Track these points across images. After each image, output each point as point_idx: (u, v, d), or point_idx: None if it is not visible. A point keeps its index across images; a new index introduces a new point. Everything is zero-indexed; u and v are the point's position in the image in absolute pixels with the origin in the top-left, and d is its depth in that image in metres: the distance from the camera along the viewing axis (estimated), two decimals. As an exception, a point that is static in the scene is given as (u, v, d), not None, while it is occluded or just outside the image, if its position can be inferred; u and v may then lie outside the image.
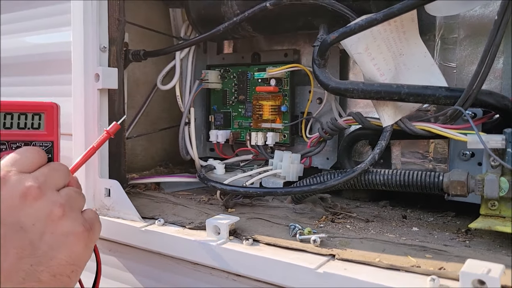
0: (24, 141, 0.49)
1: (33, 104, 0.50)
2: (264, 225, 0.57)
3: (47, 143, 0.50)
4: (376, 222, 0.59)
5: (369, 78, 0.57)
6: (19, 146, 0.48)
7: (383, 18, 0.52)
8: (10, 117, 0.49)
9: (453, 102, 0.52)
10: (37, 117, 0.50)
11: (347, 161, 0.67)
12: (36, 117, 0.50)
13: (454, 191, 0.51)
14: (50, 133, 0.50)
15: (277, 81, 0.71)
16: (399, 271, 0.44)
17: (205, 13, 0.68)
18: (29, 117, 0.49)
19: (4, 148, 0.48)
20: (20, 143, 0.49)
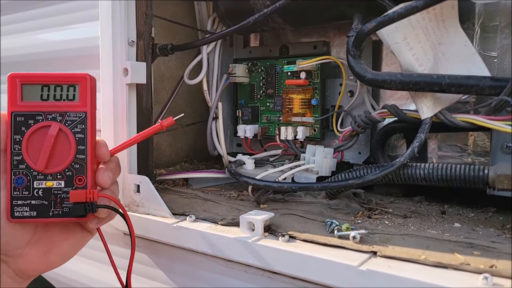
0: (59, 112, 0.49)
1: (68, 75, 0.50)
2: (299, 221, 0.56)
3: (80, 113, 0.50)
4: (415, 218, 0.57)
5: (407, 69, 0.55)
6: (54, 117, 0.49)
7: (424, 5, 0.50)
8: (47, 89, 0.50)
9: (498, 92, 0.49)
10: (71, 88, 0.50)
11: (381, 155, 0.65)
12: (71, 88, 0.50)
13: (501, 185, 0.49)
14: (83, 104, 0.50)
15: (307, 74, 0.70)
16: (447, 268, 0.42)
17: (233, 5, 0.67)
18: (64, 89, 0.50)
19: (40, 119, 0.49)
20: (55, 114, 0.49)
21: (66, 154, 0.49)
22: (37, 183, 0.49)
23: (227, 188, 0.74)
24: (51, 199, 0.49)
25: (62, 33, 0.80)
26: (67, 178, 0.49)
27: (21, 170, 0.48)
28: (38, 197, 0.49)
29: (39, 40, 0.88)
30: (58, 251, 0.51)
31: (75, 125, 0.49)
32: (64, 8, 0.79)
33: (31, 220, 0.49)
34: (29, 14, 0.91)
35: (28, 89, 0.50)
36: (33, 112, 0.49)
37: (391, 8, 0.54)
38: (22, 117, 0.49)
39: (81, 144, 0.49)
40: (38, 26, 0.88)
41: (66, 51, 0.79)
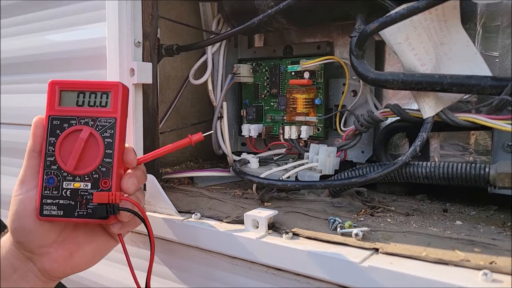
0: (91, 117, 0.52)
1: (102, 83, 0.53)
2: (302, 219, 0.56)
3: (110, 119, 0.52)
4: (417, 215, 0.58)
5: (409, 69, 0.56)
6: (86, 122, 0.52)
7: (426, 6, 0.51)
8: (83, 95, 0.53)
9: (499, 92, 0.50)
10: (105, 95, 0.53)
11: (383, 154, 0.66)
12: (104, 95, 0.53)
13: (502, 183, 0.50)
14: (114, 110, 0.52)
15: (311, 74, 0.70)
16: (448, 265, 0.43)
17: (238, 6, 0.68)
18: (98, 96, 0.53)
19: (74, 123, 0.52)
20: (88, 118, 0.52)
21: (94, 157, 0.51)
22: (66, 184, 0.51)
23: (232, 186, 0.75)
24: (78, 199, 0.51)
25: (70, 34, 0.81)
26: (93, 180, 0.51)
27: (53, 170, 0.51)
28: (66, 197, 0.51)
29: (47, 41, 0.89)
30: (82, 254, 0.53)
31: (105, 130, 0.52)
32: (72, 9, 0.80)
33: (58, 219, 0.51)
34: (37, 16, 0.92)
35: (66, 95, 0.53)
36: (68, 117, 0.52)
37: (394, 9, 0.55)
38: (58, 120, 0.52)
39: (109, 148, 0.51)
40: (46, 27, 0.89)
41: (75, 52, 0.80)
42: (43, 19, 0.91)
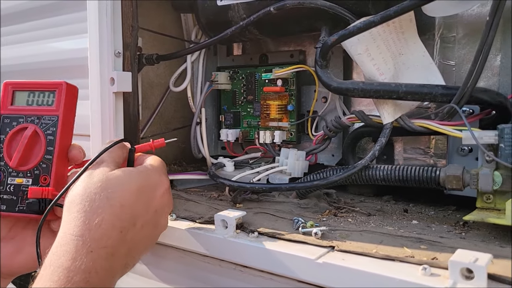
0: (37, 115, 0.55)
1: (50, 83, 0.57)
2: (270, 219, 0.60)
3: (53, 117, 0.55)
4: (378, 216, 0.62)
5: (369, 78, 0.60)
6: (32, 120, 0.55)
7: (380, 20, 0.55)
8: (33, 95, 0.56)
9: (449, 99, 0.54)
10: (51, 94, 0.56)
11: (351, 157, 0.69)
12: (51, 94, 0.56)
13: (450, 185, 0.53)
14: (57, 108, 0.56)
15: (283, 81, 0.74)
16: (394, 261, 0.46)
17: (213, 18, 0.71)
18: (45, 95, 0.56)
19: (22, 121, 0.55)
20: (34, 117, 0.55)
21: (36, 154, 0.55)
22: (11, 179, 0.54)
23: (210, 189, 0.79)
24: (19, 195, 0.54)
25: (55, 45, 0.85)
26: (34, 177, 0.54)
27: (0, 166, 0.54)
28: (10, 192, 0.54)
29: (52, 49, 0.93)
30: (29, 253, 0.55)
31: (48, 128, 0.55)
32: (56, 21, 0.84)
33: (1, 213, 0.54)
34: (43, 23, 0.95)
35: (19, 95, 0.56)
36: (18, 115, 0.55)
37: (354, 22, 0.59)
38: (9, 119, 0.55)
39: (50, 145, 0.55)
40: (52, 34, 0.92)
41: (58, 62, 0.84)
42: (50, 26, 0.94)
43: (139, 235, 0.49)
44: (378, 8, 0.57)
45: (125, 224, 0.47)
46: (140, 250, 0.51)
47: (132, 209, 0.48)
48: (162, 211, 0.53)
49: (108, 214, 0.46)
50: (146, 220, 0.50)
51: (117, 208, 0.47)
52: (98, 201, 0.47)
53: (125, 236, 0.47)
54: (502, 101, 0.54)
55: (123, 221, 0.47)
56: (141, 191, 0.50)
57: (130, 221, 0.48)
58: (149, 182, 0.51)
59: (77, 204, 0.47)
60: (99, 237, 0.45)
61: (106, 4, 0.68)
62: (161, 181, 0.53)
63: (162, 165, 0.55)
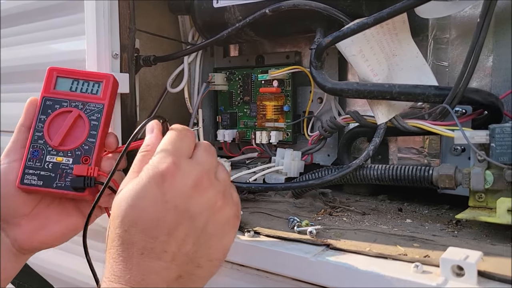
0: (81, 101, 0.58)
1: (96, 74, 0.60)
2: (266, 219, 0.61)
3: (99, 105, 0.58)
4: (373, 215, 0.62)
5: (363, 79, 0.61)
6: (77, 105, 0.57)
7: (374, 22, 0.55)
8: (77, 83, 0.59)
9: (442, 100, 0.55)
10: (97, 84, 0.59)
11: (346, 157, 0.70)
12: (96, 84, 0.59)
13: (443, 184, 0.54)
14: (104, 97, 0.58)
15: (279, 82, 0.75)
16: (387, 259, 0.47)
17: (210, 20, 0.72)
18: (90, 84, 0.59)
19: (65, 105, 0.58)
20: (78, 102, 0.58)
21: (79, 137, 0.57)
22: (50, 157, 0.56)
23: (207, 189, 0.79)
24: (58, 172, 0.56)
25: (55, 46, 0.86)
26: (75, 156, 0.56)
27: (39, 144, 0.56)
28: (48, 169, 0.56)
29: (51, 51, 0.93)
30: (51, 230, 0.56)
31: (93, 114, 0.58)
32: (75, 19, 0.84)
33: (36, 188, 0.55)
34: (41, 25, 0.96)
35: (62, 81, 0.59)
36: (61, 99, 0.58)
37: (348, 24, 0.59)
38: (51, 101, 0.58)
39: (94, 130, 0.57)
40: (50, 36, 0.93)
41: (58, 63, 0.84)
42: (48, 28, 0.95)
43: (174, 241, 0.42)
44: (372, 9, 0.58)
45: (142, 244, 0.41)
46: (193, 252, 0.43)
47: (138, 227, 0.42)
48: (187, 198, 0.43)
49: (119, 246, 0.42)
50: (171, 223, 0.42)
51: (124, 236, 0.42)
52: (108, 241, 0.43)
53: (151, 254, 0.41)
54: (494, 101, 0.54)
55: (136, 243, 0.41)
56: (139, 203, 0.42)
57: (145, 238, 0.42)
58: (145, 183, 0.42)
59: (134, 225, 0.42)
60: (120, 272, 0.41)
61: (104, 6, 0.69)
62: (162, 171, 0.42)
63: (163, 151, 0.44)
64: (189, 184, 0.43)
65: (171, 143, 0.45)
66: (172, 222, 0.42)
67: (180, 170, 0.43)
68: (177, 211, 0.42)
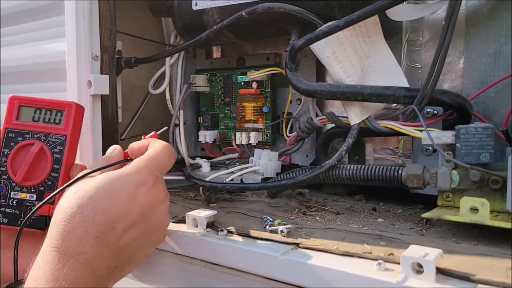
0: (44, 133, 0.57)
1: (58, 102, 0.58)
2: (241, 218, 0.62)
3: (61, 136, 0.57)
4: (346, 214, 0.63)
5: (337, 80, 0.61)
6: (39, 137, 0.57)
7: (345, 24, 0.56)
8: (39, 112, 0.58)
9: (411, 101, 0.55)
10: (59, 113, 0.58)
11: (323, 157, 0.71)
12: (59, 113, 0.58)
13: (411, 183, 0.55)
14: (65, 128, 0.58)
15: (259, 84, 0.76)
16: (353, 257, 0.48)
17: (189, 22, 0.73)
18: (53, 113, 0.58)
19: (28, 137, 0.57)
20: (40, 134, 0.57)
21: (42, 171, 0.56)
22: (14, 194, 0.56)
23: (188, 189, 0.80)
24: (22, 209, 0.56)
25: (36, 48, 0.87)
26: (39, 193, 0.56)
27: (3, 180, 0.56)
28: (12, 206, 0.56)
29: (44, 51, 0.94)
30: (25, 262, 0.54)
31: (55, 146, 0.57)
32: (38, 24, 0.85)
33: (3, 226, 0.55)
34: (34, 25, 0.97)
35: (24, 110, 0.58)
36: (23, 131, 0.57)
37: (321, 26, 0.60)
38: (14, 133, 0.57)
39: (56, 163, 0.57)
40: (43, 36, 0.94)
41: (40, 65, 0.86)
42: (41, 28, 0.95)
43: (125, 238, 0.48)
44: (344, 12, 0.59)
45: (101, 229, 0.47)
46: (133, 252, 0.50)
47: (106, 214, 0.48)
48: (150, 209, 0.51)
49: (80, 222, 0.47)
50: (130, 222, 0.49)
51: (89, 215, 0.47)
52: (70, 209, 0.47)
53: (104, 241, 0.47)
54: (462, 102, 0.55)
55: (98, 226, 0.47)
56: (115, 194, 0.49)
57: (106, 226, 0.47)
58: (125, 184, 0.50)
59: (54, 216, 0.48)
60: (73, 246, 0.46)
61: (84, 8, 0.70)
62: (142, 179, 0.51)
63: (146, 161, 0.53)
64: (159, 199, 0.52)
65: (160, 157, 0.53)
66: (131, 221, 0.49)
67: (157, 185, 0.52)
68: (140, 214, 0.50)
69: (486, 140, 0.49)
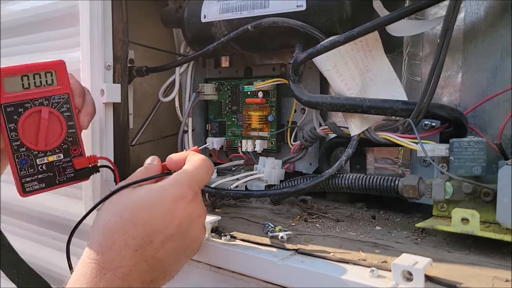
0: (44, 97, 0.59)
1: (45, 63, 0.59)
2: (244, 224, 0.64)
3: (64, 95, 0.60)
4: (346, 221, 0.65)
5: (338, 92, 0.64)
6: (41, 102, 0.59)
7: (345, 40, 0.59)
8: (27, 78, 0.58)
9: (408, 114, 0.58)
10: (49, 74, 0.59)
11: (326, 166, 0.73)
12: (48, 74, 0.59)
13: (407, 194, 0.57)
14: (64, 87, 0.60)
15: (264, 93, 0.78)
16: (348, 263, 0.50)
17: (198, 33, 0.76)
18: (42, 75, 0.59)
19: (29, 106, 0.58)
20: (41, 99, 0.59)
21: (59, 132, 0.61)
22: (40, 160, 0.60)
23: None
24: (55, 170, 0.61)
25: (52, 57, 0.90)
26: (64, 151, 0.61)
27: (22, 152, 0.58)
28: (44, 171, 0.60)
29: None
30: None
31: (61, 106, 0.60)
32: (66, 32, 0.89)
33: (42, 190, 0.60)
34: (31, 38, 1.01)
35: (9, 81, 0.57)
36: (21, 101, 0.58)
37: (323, 40, 0.63)
38: (12, 107, 0.57)
39: (70, 120, 0.61)
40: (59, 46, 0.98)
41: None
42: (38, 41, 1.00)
43: (162, 252, 0.49)
44: (345, 28, 0.61)
45: (141, 242, 0.48)
46: (168, 265, 0.51)
47: (146, 227, 0.49)
48: (188, 223, 0.52)
49: (120, 235, 0.48)
50: (168, 236, 0.50)
51: (130, 228, 0.48)
52: (112, 222, 0.49)
53: (142, 254, 0.48)
54: (457, 116, 0.57)
55: (137, 239, 0.48)
56: (155, 208, 0.50)
57: (146, 239, 0.48)
58: (165, 198, 0.50)
59: (94, 227, 0.50)
60: (112, 259, 0.47)
61: (97, 20, 0.73)
62: (181, 193, 0.51)
63: (186, 175, 0.53)
64: (197, 213, 0.53)
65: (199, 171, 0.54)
66: (169, 235, 0.50)
67: (195, 199, 0.52)
68: (178, 229, 0.51)
69: (478, 154, 0.51)
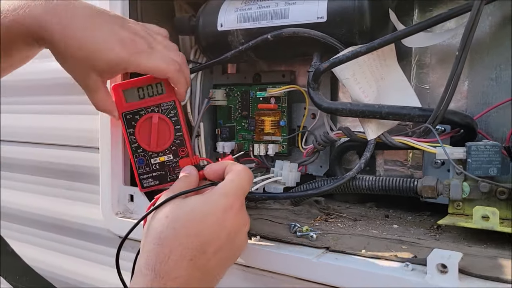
0: (155, 105, 0.69)
1: (152, 77, 0.67)
2: (269, 224, 0.67)
3: (170, 102, 0.69)
4: (363, 221, 0.70)
5: (355, 99, 0.68)
6: (153, 110, 0.69)
7: (366, 50, 0.63)
8: (142, 89, 0.69)
9: (425, 120, 0.62)
10: (159, 85, 0.69)
11: (337, 168, 0.77)
12: (158, 85, 0.69)
13: (426, 194, 0.62)
14: (171, 95, 0.69)
15: (276, 99, 0.82)
16: (380, 259, 0.54)
17: (213, 41, 0.78)
18: (153, 87, 0.69)
19: (143, 113, 0.69)
20: (153, 107, 0.69)
21: (168, 135, 0.69)
22: (154, 160, 0.69)
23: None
24: (166, 169, 0.69)
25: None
26: (173, 152, 0.69)
27: (139, 153, 0.69)
28: (157, 169, 0.69)
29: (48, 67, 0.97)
30: None
31: (169, 112, 0.69)
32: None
33: (156, 187, 0.70)
34: None
35: (128, 92, 0.69)
36: (137, 109, 0.68)
37: (342, 50, 0.67)
38: (130, 115, 0.69)
39: (177, 124, 0.69)
40: None
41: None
42: None
43: (213, 261, 0.51)
44: (364, 38, 0.66)
45: (195, 252, 0.50)
46: (216, 273, 0.53)
47: (199, 238, 0.50)
48: (236, 232, 0.54)
49: (176, 245, 0.49)
50: (219, 246, 0.52)
51: (183, 238, 0.50)
52: (165, 232, 0.50)
53: (196, 264, 0.50)
54: (469, 122, 0.63)
55: (192, 250, 0.50)
56: (206, 219, 0.51)
57: (199, 249, 0.50)
58: (215, 209, 0.52)
59: (147, 236, 0.52)
60: (169, 269, 0.49)
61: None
62: (229, 203, 0.53)
63: (233, 185, 0.54)
64: (243, 222, 0.56)
65: (242, 181, 0.56)
66: (220, 245, 0.52)
67: (241, 209, 0.55)
68: (228, 238, 0.53)
69: (494, 156, 0.57)
